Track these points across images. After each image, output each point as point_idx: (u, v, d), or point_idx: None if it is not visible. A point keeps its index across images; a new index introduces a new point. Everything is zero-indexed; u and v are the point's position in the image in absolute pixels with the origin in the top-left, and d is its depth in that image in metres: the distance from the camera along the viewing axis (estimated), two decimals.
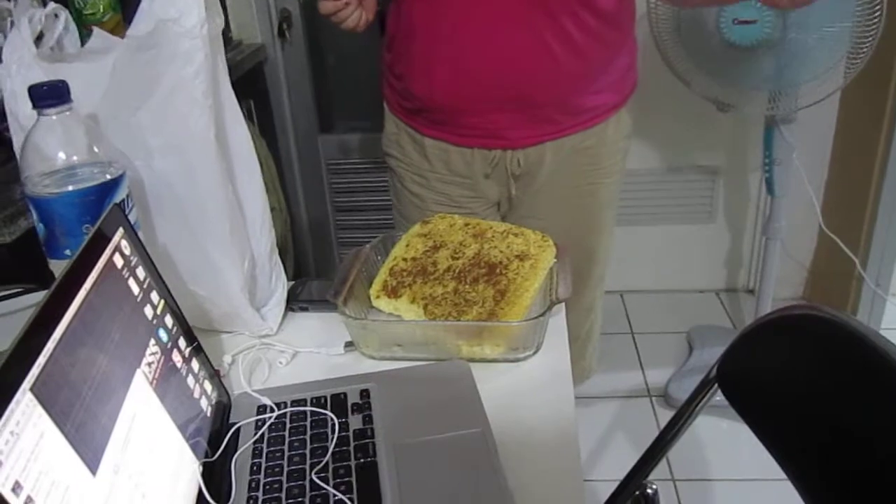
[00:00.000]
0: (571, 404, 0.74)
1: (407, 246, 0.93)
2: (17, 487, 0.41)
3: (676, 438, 1.00)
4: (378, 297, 0.88)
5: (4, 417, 0.42)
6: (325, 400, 0.73)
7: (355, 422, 0.70)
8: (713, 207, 2.52)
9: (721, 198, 2.50)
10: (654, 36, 1.87)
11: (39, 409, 0.45)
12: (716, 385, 0.94)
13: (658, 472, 0.98)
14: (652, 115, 2.39)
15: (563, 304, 0.84)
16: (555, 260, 0.89)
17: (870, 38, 1.62)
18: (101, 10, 1.86)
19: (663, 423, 1.01)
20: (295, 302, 0.94)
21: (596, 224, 1.37)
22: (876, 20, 1.60)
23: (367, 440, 0.68)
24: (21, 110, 0.78)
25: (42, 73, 0.78)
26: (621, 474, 0.99)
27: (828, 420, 0.82)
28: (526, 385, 0.77)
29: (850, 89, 1.81)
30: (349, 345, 0.85)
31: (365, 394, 0.74)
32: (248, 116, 0.82)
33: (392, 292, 0.87)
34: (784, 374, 0.88)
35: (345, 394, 0.74)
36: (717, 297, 2.62)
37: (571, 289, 0.82)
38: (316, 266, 2.32)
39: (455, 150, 1.27)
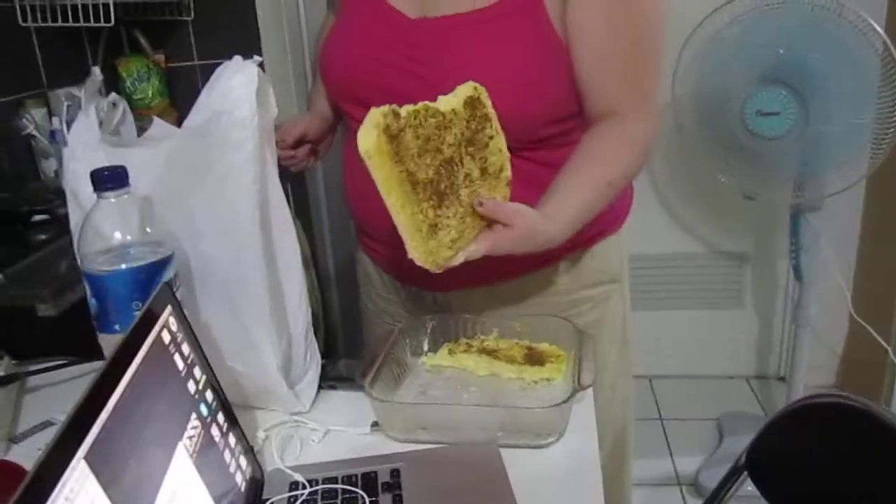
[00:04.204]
0: (600, 492, 0.74)
1: None
2: None
3: None
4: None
5: (60, 484, 0.44)
6: (356, 478, 0.74)
7: (385, 501, 0.71)
8: (741, 293, 2.52)
9: (749, 283, 2.50)
10: (677, 125, 1.92)
11: (91, 478, 0.47)
12: (745, 473, 0.94)
13: None
14: (679, 201, 2.43)
15: (591, 390, 0.85)
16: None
17: (892, 128, 1.66)
18: (150, 96, 1.97)
19: None
20: (324, 380, 0.96)
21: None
22: None
23: None
24: (81, 190, 0.83)
25: (104, 157, 0.83)
26: None
27: None
28: (554, 471, 0.78)
29: (875, 176, 1.84)
30: (375, 425, 0.86)
31: (395, 473, 0.75)
32: (286, 198, 0.87)
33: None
34: (814, 462, 0.87)
35: (375, 473, 0.75)
36: (748, 384, 2.59)
37: (595, 375, 0.83)
38: (345, 345, 2.34)
39: (384, 274, 1.18)
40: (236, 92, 0.80)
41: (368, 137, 0.77)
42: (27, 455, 0.84)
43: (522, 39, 0.93)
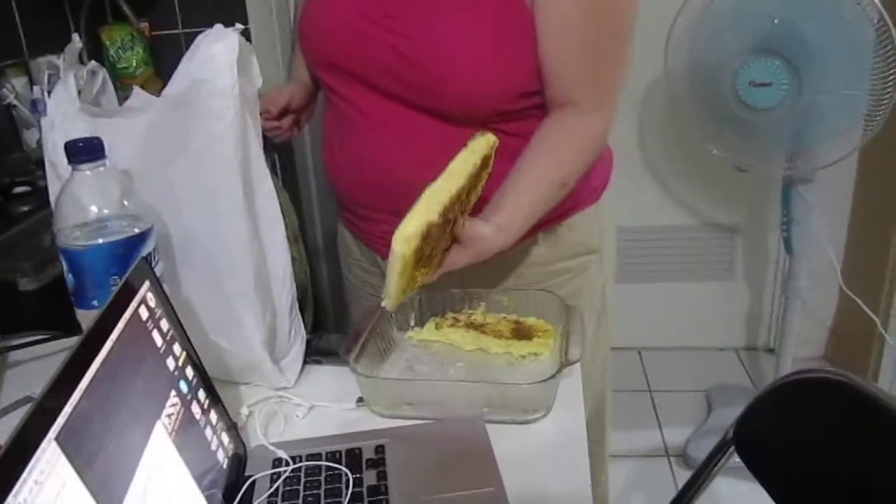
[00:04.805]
0: (586, 467, 0.73)
1: None
2: None
3: (694, 501, 0.99)
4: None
5: (29, 467, 0.43)
6: (340, 455, 0.74)
7: (370, 477, 0.71)
8: (732, 265, 2.52)
9: (740, 256, 2.50)
10: (669, 97, 1.90)
11: (63, 460, 0.46)
12: (733, 447, 0.94)
13: None
14: (670, 173, 2.42)
15: (578, 364, 0.84)
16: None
17: (886, 100, 1.64)
18: (135, 65, 1.93)
19: (682, 484, 1.00)
20: (309, 355, 0.94)
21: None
22: (891, 82, 1.62)
23: (381, 496, 0.68)
24: (60, 161, 0.81)
25: (84, 127, 0.81)
26: None
27: (846, 486, 0.81)
28: (540, 446, 0.77)
29: (868, 148, 1.82)
30: (360, 400, 0.85)
31: (380, 449, 0.74)
32: (273, 170, 0.85)
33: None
34: (801, 437, 0.87)
35: (360, 449, 0.74)
36: (737, 356, 2.60)
37: (582, 350, 0.82)
38: (335, 317, 2.33)
39: (364, 246, 1.17)
40: (217, 60, 0.78)
41: (409, 243, 0.74)
42: (7, 432, 0.83)
43: (497, 13, 0.91)
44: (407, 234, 0.74)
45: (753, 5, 1.70)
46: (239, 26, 0.79)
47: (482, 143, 0.83)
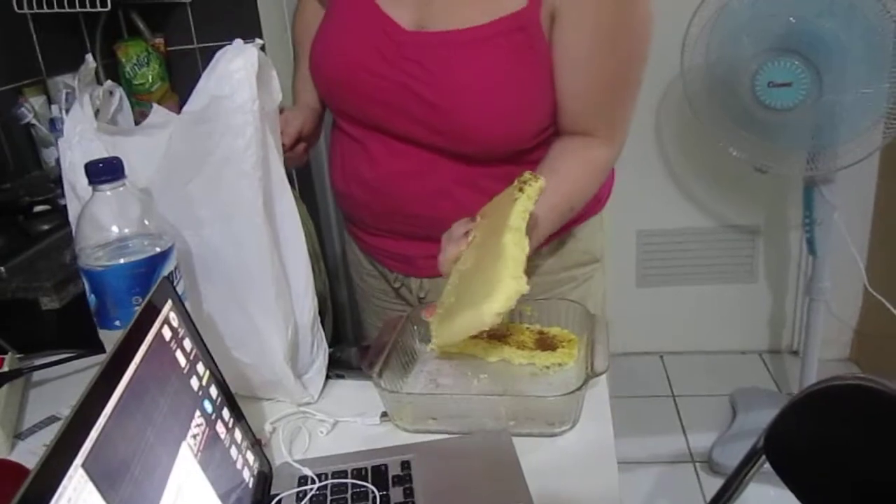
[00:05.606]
0: (615, 479, 0.72)
1: None
2: None
3: None
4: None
5: (57, 494, 0.43)
6: (366, 472, 0.73)
7: (396, 494, 0.70)
8: (754, 267, 2.49)
9: (762, 257, 2.48)
10: (687, 98, 1.88)
11: (90, 486, 0.46)
12: (764, 455, 0.92)
13: None
14: (689, 175, 2.40)
15: (604, 376, 0.83)
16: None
17: None
18: (150, 81, 1.95)
19: (708, 490, 0.98)
20: (331, 369, 0.94)
21: None
22: None
23: None
24: (79, 181, 0.81)
25: (101, 147, 0.81)
26: None
27: (880, 493, 0.79)
28: (568, 459, 0.76)
29: (890, 147, 1.80)
30: (384, 415, 0.84)
31: (406, 465, 0.73)
32: (290, 181, 0.84)
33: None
34: (833, 444, 0.86)
35: (385, 465, 0.74)
36: (761, 359, 2.57)
37: (609, 361, 0.81)
38: (353, 330, 2.32)
39: (373, 259, 1.18)
40: (236, 76, 0.78)
41: (500, 318, 0.76)
42: (33, 452, 0.83)
43: (523, 59, 0.91)
44: (499, 311, 0.75)
45: (769, 5, 1.68)
46: (259, 41, 0.79)
47: (536, 190, 0.85)
